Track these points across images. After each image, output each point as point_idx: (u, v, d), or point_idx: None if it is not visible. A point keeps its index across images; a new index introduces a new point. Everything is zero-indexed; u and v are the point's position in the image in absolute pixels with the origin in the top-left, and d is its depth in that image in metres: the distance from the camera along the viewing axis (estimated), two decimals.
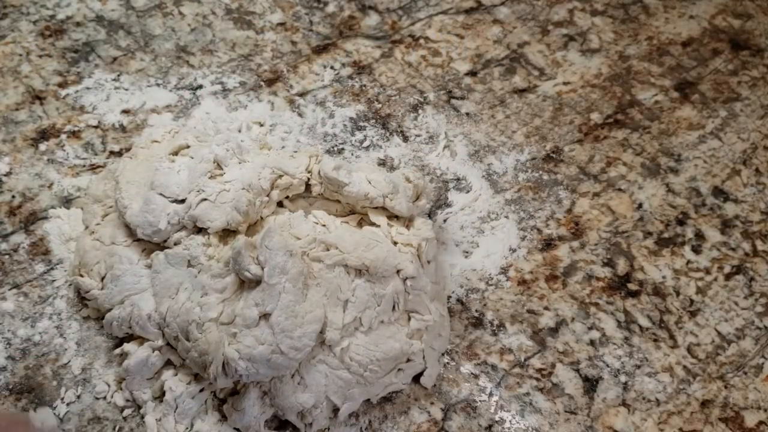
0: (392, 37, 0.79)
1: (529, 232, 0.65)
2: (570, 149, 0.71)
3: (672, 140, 0.73)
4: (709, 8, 0.86)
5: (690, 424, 0.55)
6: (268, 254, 0.50)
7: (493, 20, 0.82)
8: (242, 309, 0.49)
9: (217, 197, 0.54)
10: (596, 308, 0.60)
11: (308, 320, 0.49)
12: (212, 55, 0.76)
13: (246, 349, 0.48)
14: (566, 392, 0.56)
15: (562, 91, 0.76)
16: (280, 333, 0.48)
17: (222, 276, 0.52)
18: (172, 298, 0.53)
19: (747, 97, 0.77)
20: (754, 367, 0.58)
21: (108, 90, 0.72)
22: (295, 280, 0.50)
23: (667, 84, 0.78)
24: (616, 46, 0.81)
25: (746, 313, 0.61)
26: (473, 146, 0.70)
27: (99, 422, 0.52)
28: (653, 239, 0.65)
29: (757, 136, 0.74)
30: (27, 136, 0.68)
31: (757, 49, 0.82)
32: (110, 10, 0.79)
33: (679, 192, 0.69)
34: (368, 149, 0.69)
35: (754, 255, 0.65)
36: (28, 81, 0.72)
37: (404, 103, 0.73)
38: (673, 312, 0.61)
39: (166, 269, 0.54)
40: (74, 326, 0.57)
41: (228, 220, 0.54)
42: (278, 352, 0.48)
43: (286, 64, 0.76)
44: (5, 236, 0.61)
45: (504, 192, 0.67)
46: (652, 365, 0.57)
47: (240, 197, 0.54)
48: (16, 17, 0.77)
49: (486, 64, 0.78)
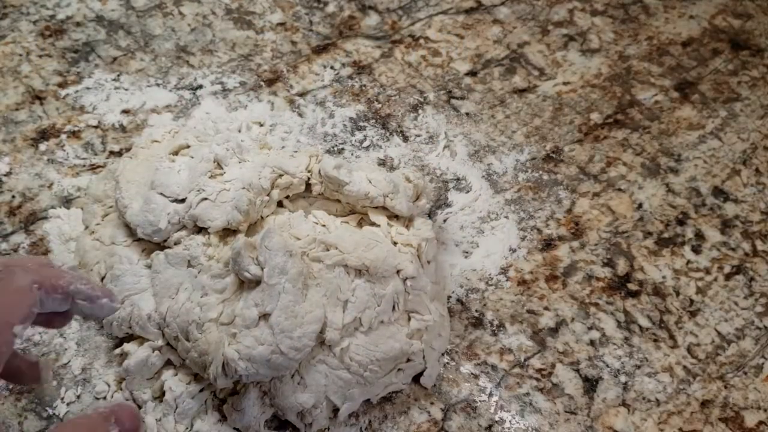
0: (392, 37, 0.79)
1: (529, 232, 0.65)
2: (570, 149, 0.71)
3: (672, 140, 0.73)
4: (709, 8, 0.86)
5: (690, 424, 0.55)
6: (267, 254, 0.50)
7: (493, 20, 0.82)
8: (242, 309, 0.49)
9: (217, 196, 0.54)
10: (596, 308, 0.60)
11: (308, 320, 0.49)
12: (212, 55, 0.76)
13: (246, 350, 0.48)
14: (566, 392, 0.56)
15: (562, 91, 0.76)
16: (279, 333, 0.48)
17: (222, 276, 0.52)
18: (172, 298, 0.53)
19: (747, 97, 0.77)
20: (754, 367, 0.58)
21: (108, 90, 0.72)
22: (294, 280, 0.50)
23: (667, 84, 0.78)
24: (616, 46, 0.81)
25: (746, 313, 0.61)
26: (473, 146, 0.70)
27: None
28: (653, 239, 0.65)
29: (757, 136, 0.74)
30: (27, 136, 0.68)
31: (757, 49, 0.82)
32: (110, 10, 0.79)
33: (679, 192, 0.69)
34: (368, 149, 0.69)
35: (754, 255, 0.65)
36: (28, 81, 0.72)
37: (404, 103, 0.73)
38: (673, 312, 0.61)
39: (166, 269, 0.54)
40: (74, 326, 0.56)
41: (228, 220, 0.54)
42: (278, 352, 0.48)
43: (286, 64, 0.76)
44: (5, 236, 0.61)
45: (504, 192, 0.67)
46: (652, 365, 0.57)
47: (240, 196, 0.54)
48: (16, 17, 0.77)
49: (486, 64, 0.78)
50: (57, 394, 0.53)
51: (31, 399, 0.53)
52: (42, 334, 0.56)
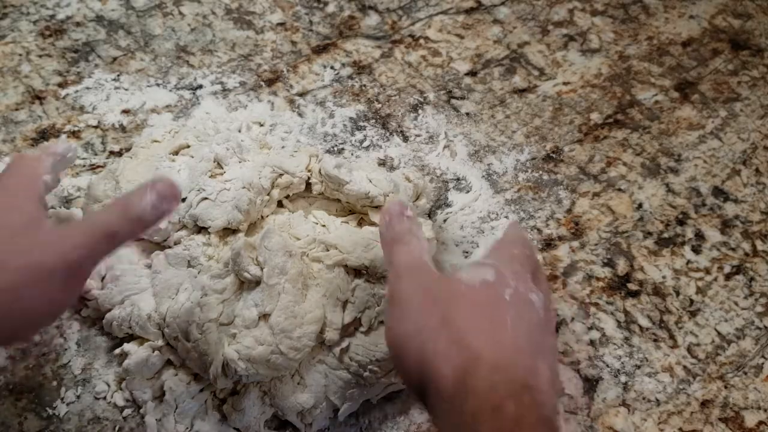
0: (392, 37, 0.79)
1: (529, 232, 0.65)
2: (570, 149, 0.71)
3: (672, 140, 0.73)
4: (709, 8, 0.86)
5: (690, 424, 0.55)
6: (267, 255, 0.50)
7: (493, 20, 0.82)
8: (241, 309, 0.49)
9: (217, 196, 0.54)
10: (596, 308, 0.60)
11: (308, 321, 0.49)
12: (212, 55, 0.76)
13: (245, 350, 0.48)
14: (566, 392, 0.56)
15: (562, 91, 0.76)
16: (279, 333, 0.48)
17: (221, 276, 0.52)
18: (171, 298, 0.53)
19: (747, 97, 0.77)
20: (754, 367, 0.58)
21: (108, 90, 0.72)
22: (294, 280, 0.50)
23: (667, 84, 0.78)
24: (616, 46, 0.81)
25: (746, 313, 0.61)
26: (473, 146, 0.70)
27: (99, 422, 0.52)
28: (653, 239, 0.65)
29: (757, 136, 0.74)
30: (27, 136, 0.68)
31: (757, 49, 0.82)
32: (110, 10, 0.79)
33: (679, 192, 0.69)
34: (368, 149, 0.69)
35: (754, 255, 0.65)
36: (28, 81, 0.72)
37: (404, 103, 0.73)
38: (673, 312, 0.61)
39: (166, 269, 0.54)
40: (74, 326, 0.56)
41: (229, 219, 0.54)
42: (278, 352, 0.48)
43: (286, 64, 0.76)
44: None
45: (504, 192, 0.67)
46: (652, 365, 0.57)
47: (241, 196, 0.54)
48: (16, 17, 0.77)
49: (486, 64, 0.78)
50: (57, 394, 0.53)
51: (31, 399, 0.53)
52: (42, 334, 0.56)
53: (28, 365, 0.54)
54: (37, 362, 0.54)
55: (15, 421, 0.52)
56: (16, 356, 0.55)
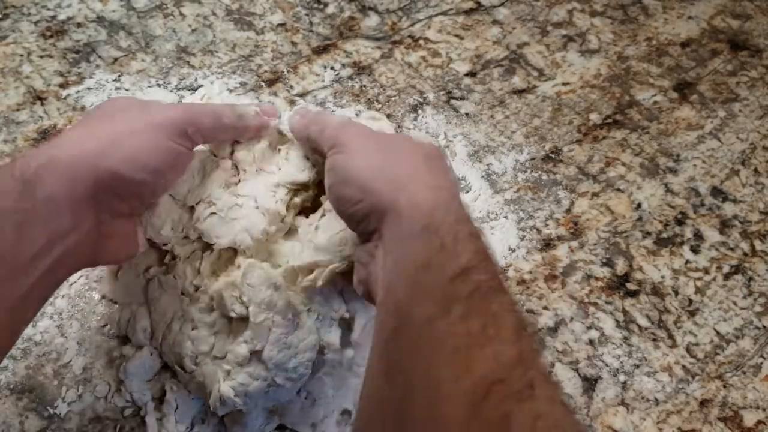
0: (392, 38, 0.80)
1: (528, 232, 0.65)
2: (569, 149, 0.71)
3: (671, 140, 0.73)
4: (708, 9, 0.86)
5: (689, 424, 0.55)
6: (251, 292, 0.47)
7: (493, 21, 0.82)
8: (232, 346, 0.48)
9: (227, 212, 0.50)
10: (595, 308, 0.61)
11: (302, 349, 0.48)
12: (213, 56, 0.76)
13: (241, 387, 0.47)
14: (565, 391, 0.56)
15: (562, 92, 0.76)
16: (273, 368, 0.47)
17: (209, 310, 0.50)
18: (167, 324, 0.52)
19: (746, 98, 0.77)
20: (752, 366, 0.58)
21: (109, 90, 0.72)
22: (283, 312, 0.48)
23: (666, 84, 0.78)
24: (615, 46, 0.81)
25: (745, 313, 0.61)
26: (473, 146, 0.71)
27: (100, 422, 0.53)
28: (652, 239, 0.65)
29: (755, 137, 0.74)
30: (28, 137, 0.68)
31: (756, 49, 0.82)
32: (111, 10, 0.79)
33: (677, 192, 0.69)
34: None
35: (752, 255, 0.65)
36: (29, 81, 0.72)
37: (404, 103, 0.74)
38: (671, 312, 0.61)
39: (161, 295, 0.53)
40: (75, 326, 0.57)
41: (236, 241, 0.50)
42: (275, 385, 0.47)
43: (286, 65, 0.76)
44: None
45: (503, 192, 0.67)
46: (650, 365, 0.58)
47: (255, 223, 0.50)
48: (17, 18, 0.77)
49: (485, 65, 0.78)
50: (58, 394, 0.53)
51: (32, 398, 0.53)
52: (43, 333, 0.56)
53: (29, 365, 0.54)
54: (38, 362, 0.55)
55: (16, 421, 0.52)
56: (17, 356, 0.55)
